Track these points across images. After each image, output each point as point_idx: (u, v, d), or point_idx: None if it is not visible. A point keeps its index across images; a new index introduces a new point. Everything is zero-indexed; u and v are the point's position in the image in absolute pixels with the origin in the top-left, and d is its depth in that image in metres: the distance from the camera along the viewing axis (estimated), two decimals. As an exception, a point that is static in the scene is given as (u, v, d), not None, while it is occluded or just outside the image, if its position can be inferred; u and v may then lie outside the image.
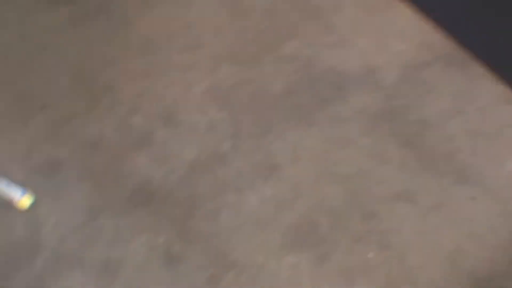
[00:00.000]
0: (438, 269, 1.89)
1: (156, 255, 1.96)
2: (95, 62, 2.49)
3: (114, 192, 2.10)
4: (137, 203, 2.07)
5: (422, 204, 2.04)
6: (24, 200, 2.07)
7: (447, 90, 2.34)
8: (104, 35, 2.59)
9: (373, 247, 1.94)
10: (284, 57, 2.47)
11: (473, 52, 2.43)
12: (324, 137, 2.22)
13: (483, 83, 2.35)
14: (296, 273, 1.90)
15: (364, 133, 2.23)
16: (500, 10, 2.49)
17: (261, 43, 2.53)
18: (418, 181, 2.09)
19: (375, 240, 1.95)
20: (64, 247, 1.98)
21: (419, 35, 2.52)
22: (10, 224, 2.04)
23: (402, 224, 2.00)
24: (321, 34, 2.55)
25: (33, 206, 2.08)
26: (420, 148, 2.18)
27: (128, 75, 2.42)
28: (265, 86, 2.37)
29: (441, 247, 1.95)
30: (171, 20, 2.62)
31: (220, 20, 2.62)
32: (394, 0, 2.66)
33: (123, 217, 2.04)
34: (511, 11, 2.49)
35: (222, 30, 2.58)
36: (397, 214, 2.02)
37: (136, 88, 2.39)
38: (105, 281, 1.91)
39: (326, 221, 2.00)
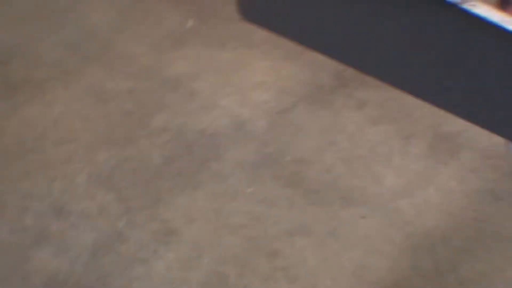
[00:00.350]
0: (347, 285, 1.99)
1: None
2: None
3: (23, 293, 2.09)
4: (48, 299, 2.07)
5: (317, 234, 2.15)
6: None
7: (314, 126, 2.49)
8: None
9: (283, 282, 2.02)
10: (156, 131, 2.55)
11: (332, 87, 2.60)
12: (211, 194, 2.30)
13: (346, 112, 2.51)
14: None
15: (247, 183, 2.32)
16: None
17: (131, 122, 2.60)
18: (308, 214, 2.20)
19: (283, 275, 2.04)
20: None
21: (278, 82, 2.67)
22: None
23: (304, 255, 2.09)
24: (185, 102, 2.66)
25: None
26: (302, 185, 2.30)
27: (9, 179, 2.43)
28: (144, 161, 2.44)
29: (345, 267, 2.05)
30: (38, 119, 2.65)
31: (87, 109, 2.68)
32: (248, 58, 2.81)
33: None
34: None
35: (91, 118, 2.64)
36: (298, 248, 2.12)
37: (20, 190, 2.39)
38: None
39: (233, 270, 2.07)
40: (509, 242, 2.13)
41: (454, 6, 0.81)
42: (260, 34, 2.64)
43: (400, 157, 2.40)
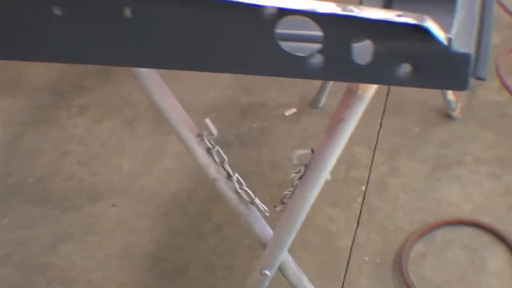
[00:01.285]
0: (115, 269, 2.15)
1: None
2: None
3: None
4: None
5: (77, 236, 2.27)
6: None
7: (47, 143, 2.61)
8: None
9: (59, 288, 2.14)
10: None
11: (51, 104, 2.72)
12: None
13: (71, 121, 2.65)
14: None
15: (1, 215, 2.40)
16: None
17: None
18: (63, 222, 2.32)
19: (59, 283, 2.14)
20: None
21: (-2, 116, 2.75)
22: None
23: (72, 259, 2.21)
24: None
25: None
26: (51, 199, 2.41)
27: None
28: None
29: (110, 254, 2.21)
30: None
31: None
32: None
33: None
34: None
35: None
36: (64, 255, 2.23)
37: None
38: None
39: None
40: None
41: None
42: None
43: (130, 142, 2.58)
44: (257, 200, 1.55)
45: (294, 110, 2.64)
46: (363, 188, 2.33)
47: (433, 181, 2.35)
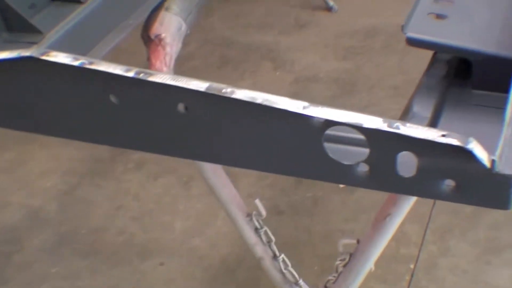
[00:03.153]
0: None
1: None
2: None
3: None
4: None
5: None
6: None
7: (102, 196, 2.67)
8: None
9: None
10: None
11: (110, 158, 2.80)
12: (20, 286, 2.41)
13: (128, 176, 2.71)
14: None
15: (51, 264, 2.44)
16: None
17: None
18: (111, 277, 2.35)
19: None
20: None
21: (61, 166, 2.83)
22: None
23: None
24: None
25: None
26: (101, 252, 2.45)
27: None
28: None
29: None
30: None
31: None
32: (28, 153, 2.94)
33: None
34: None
35: None
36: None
37: None
38: None
39: None
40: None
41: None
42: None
43: (184, 201, 2.62)
44: (301, 282, 1.57)
45: (348, 181, 2.65)
46: (412, 266, 2.32)
47: (483, 264, 2.31)
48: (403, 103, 1.24)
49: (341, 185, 2.59)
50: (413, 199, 1.24)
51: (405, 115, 1.09)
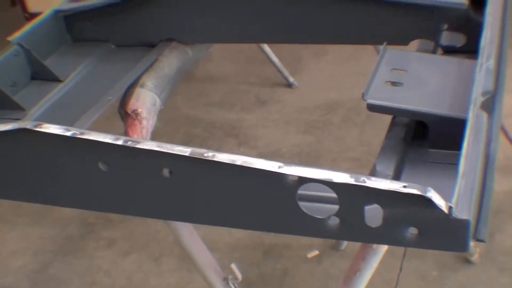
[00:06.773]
0: None
1: None
2: None
3: None
4: None
5: None
6: None
7: (74, 274, 2.71)
8: None
9: None
10: None
11: (81, 235, 2.84)
12: None
13: (99, 253, 2.75)
14: None
15: None
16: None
17: None
18: None
19: None
20: None
21: (31, 245, 2.87)
22: None
23: None
24: None
25: None
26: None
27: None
28: None
29: None
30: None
31: None
32: None
33: None
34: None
35: None
36: None
37: None
38: None
39: None
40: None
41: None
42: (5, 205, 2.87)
43: (156, 277, 2.67)
44: None
45: (316, 252, 2.72)
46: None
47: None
48: (366, 173, 1.34)
49: (309, 255, 2.68)
50: (381, 254, 1.33)
51: (371, 175, 1.19)
